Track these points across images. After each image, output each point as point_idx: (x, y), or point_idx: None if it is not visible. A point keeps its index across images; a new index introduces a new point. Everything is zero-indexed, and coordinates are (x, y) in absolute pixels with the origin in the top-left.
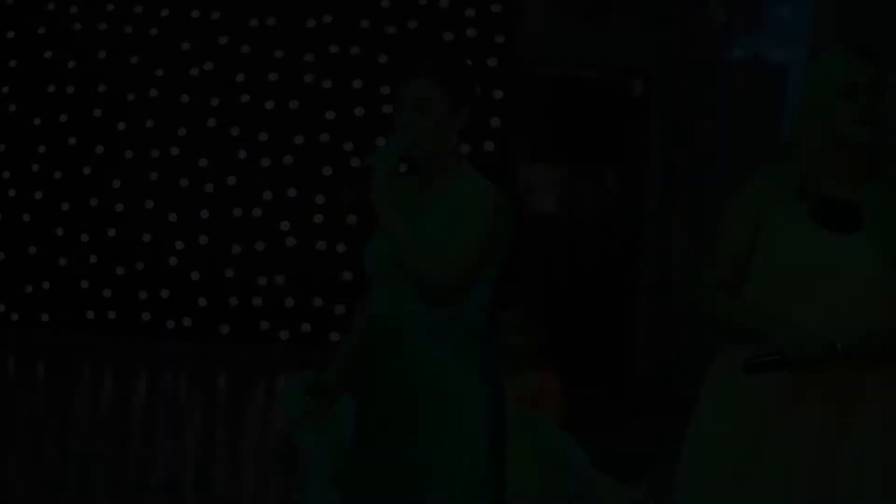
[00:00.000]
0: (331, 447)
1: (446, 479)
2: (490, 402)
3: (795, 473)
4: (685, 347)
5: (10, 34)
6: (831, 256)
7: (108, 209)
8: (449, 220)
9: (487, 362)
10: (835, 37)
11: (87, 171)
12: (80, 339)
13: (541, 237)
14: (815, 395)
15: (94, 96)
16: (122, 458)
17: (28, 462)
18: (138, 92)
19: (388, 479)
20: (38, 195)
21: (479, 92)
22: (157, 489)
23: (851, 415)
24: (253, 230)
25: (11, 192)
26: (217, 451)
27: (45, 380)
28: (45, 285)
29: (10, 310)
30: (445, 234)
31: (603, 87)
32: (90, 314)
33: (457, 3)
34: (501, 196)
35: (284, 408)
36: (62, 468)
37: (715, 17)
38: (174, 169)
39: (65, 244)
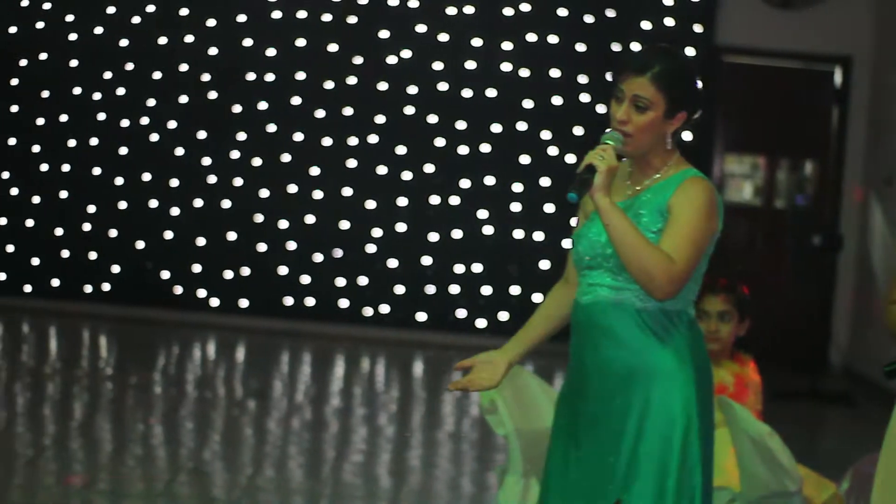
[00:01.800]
0: (529, 436)
1: (655, 463)
2: (698, 388)
3: None
4: (883, 340)
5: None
6: None
7: (305, 196)
8: (665, 215)
9: (694, 350)
10: None
11: (286, 158)
12: (280, 326)
13: (739, 227)
14: None
15: (293, 83)
16: (318, 441)
17: (228, 444)
18: (336, 80)
19: (592, 465)
20: (239, 182)
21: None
22: (352, 473)
23: None
24: (450, 218)
25: (212, 179)
26: (412, 438)
27: (244, 362)
28: (245, 271)
29: (212, 295)
30: (665, 230)
31: (802, 76)
32: (288, 301)
33: None
34: (713, 190)
35: (482, 400)
36: (259, 450)
37: None
38: (372, 157)
39: (263, 230)
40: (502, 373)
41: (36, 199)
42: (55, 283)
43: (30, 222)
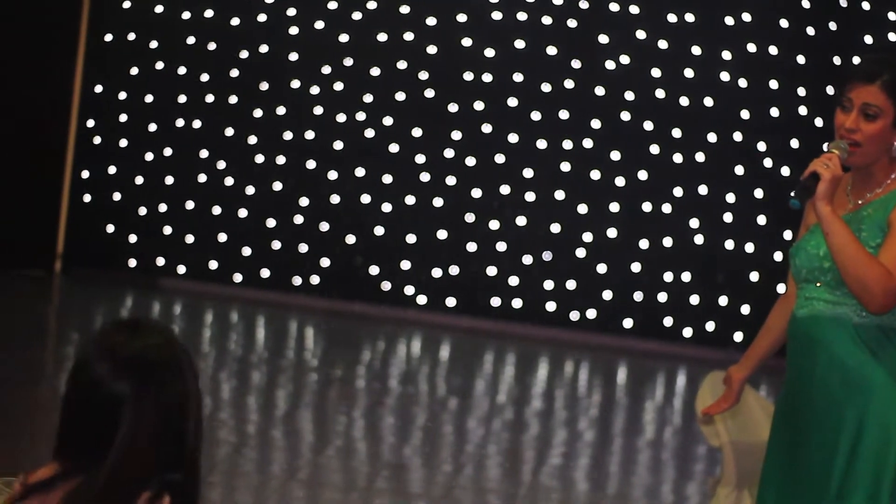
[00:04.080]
0: (743, 448)
1: (869, 478)
2: None
3: None
4: None
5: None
6: None
7: (517, 198)
8: (885, 230)
9: None
10: None
11: (500, 159)
12: (486, 326)
13: None
14: None
15: (510, 84)
16: (517, 442)
17: (428, 441)
18: (553, 83)
19: (806, 479)
20: (451, 181)
21: None
22: (549, 476)
23: None
24: (661, 226)
25: (425, 177)
26: (612, 444)
27: (448, 360)
28: (453, 270)
29: (419, 293)
30: (884, 244)
31: None
32: (496, 301)
33: (879, 4)
34: None
35: (700, 406)
36: (459, 448)
37: None
38: (586, 161)
39: (474, 230)
40: (737, 390)
41: (250, 190)
42: (265, 273)
43: (243, 212)
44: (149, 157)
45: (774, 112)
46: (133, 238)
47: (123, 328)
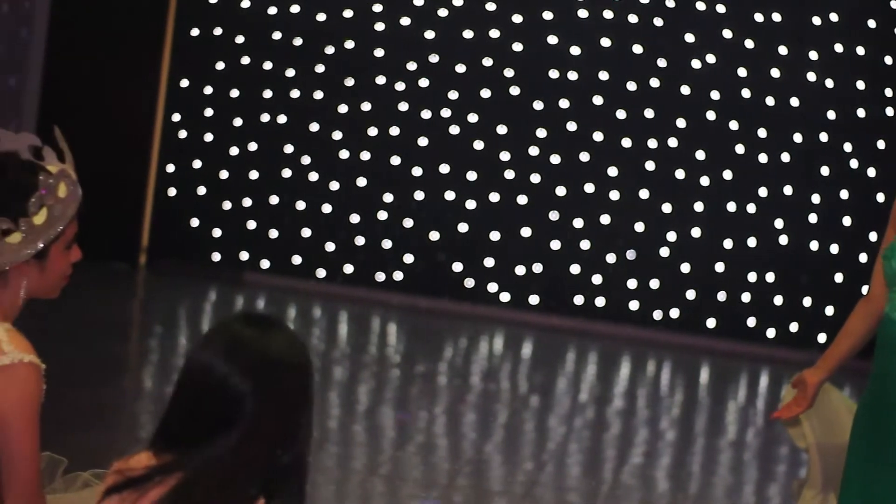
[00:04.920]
0: (830, 450)
1: None
2: None
3: None
4: None
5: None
6: None
7: (602, 195)
8: None
9: None
10: None
11: (584, 157)
12: (569, 324)
13: None
14: None
15: (595, 82)
16: (598, 441)
17: (509, 438)
18: (639, 81)
19: (894, 479)
20: (536, 178)
21: None
22: (630, 475)
23: None
24: (746, 226)
25: (509, 175)
26: (694, 444)
27: (530, 358)
28: (537, 268)
29: (503, 290)
30: None
31: None
32: (579, 299)
33: None
34: None
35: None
36: (540, 446)
37: None
38: (671, 160)
39: (557, 229)
40: (812, 394)
41: (334, 186)
42: (348, 269)
43: (326, 208)
44: (234, 151)
45: (861, 112)
46: (217, 232)
47: (253, 326)
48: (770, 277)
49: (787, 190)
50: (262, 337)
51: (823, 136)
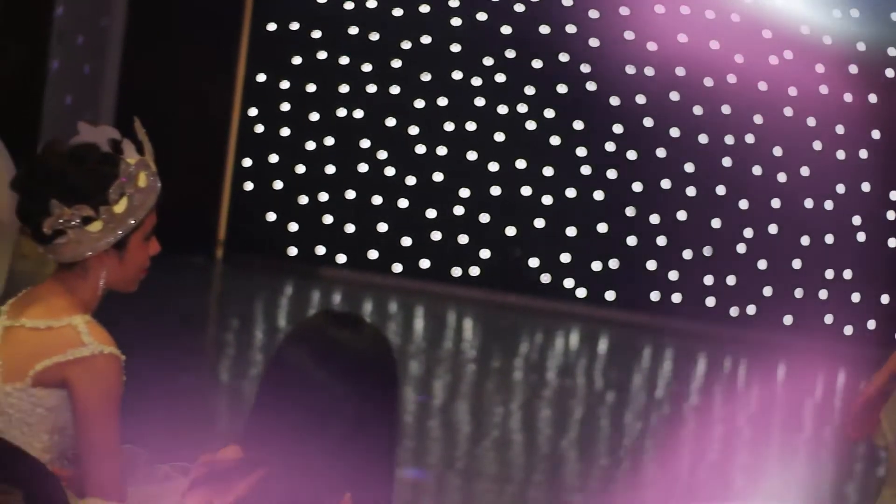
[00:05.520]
0: None
1: None
2: None
3: None
4: None
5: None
6: None
7: (678, 191)
8: None
9: None
10: None
11: (661, 153)
12: (642, 320)
13: None
14: None
15: (672, 79)
16: (673, 437)
17: (584, 434)
18: (716, 79)
19: None
20: (612, 174)
21: None
22: (705, 471)
23: None
24: (823, 222)
25: (586, 170)
26: (770, 441)
27: (606, 354)
28: (613, 264)
29: (579, 286)
30: None
31: None
32: (655, 295)
33: None
34: None
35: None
36: (615, 442)
37: None
38: (748, 157)
39: (634, 223)
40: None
41: (411, 181)
42: (424, 264)
43: (403, 203)
44: (310, 146)
45: None
46: (293, 226)
47: (345, 325)
48: (847, 275)
49: (865, 187)
50: (354, 339)
51: None
